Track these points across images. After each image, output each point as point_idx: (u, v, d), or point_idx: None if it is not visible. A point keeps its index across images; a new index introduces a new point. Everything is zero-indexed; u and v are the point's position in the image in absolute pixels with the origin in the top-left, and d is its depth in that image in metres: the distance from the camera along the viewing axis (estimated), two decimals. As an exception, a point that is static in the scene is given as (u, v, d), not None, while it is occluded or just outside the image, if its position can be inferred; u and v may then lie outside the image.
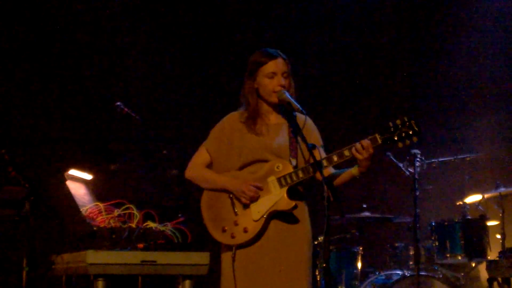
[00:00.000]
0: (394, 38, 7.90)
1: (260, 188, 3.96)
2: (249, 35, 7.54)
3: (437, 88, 7.85)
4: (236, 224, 3.99)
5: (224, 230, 4.00)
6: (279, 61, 4.06)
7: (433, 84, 7.88)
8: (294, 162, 4.02)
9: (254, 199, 3.96)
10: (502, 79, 7.61)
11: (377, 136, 3.90)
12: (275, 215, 3.98)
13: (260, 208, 3.96)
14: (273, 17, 7.77)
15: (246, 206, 3.99)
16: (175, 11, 7.50)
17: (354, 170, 3.98)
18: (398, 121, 3.92)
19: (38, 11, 6.93)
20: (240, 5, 7.67)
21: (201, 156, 4.18)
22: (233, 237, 3.98)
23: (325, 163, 3.93)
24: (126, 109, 6.00)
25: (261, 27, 7.67)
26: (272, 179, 3.99)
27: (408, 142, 3.91)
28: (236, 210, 4.01)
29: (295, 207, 3.96)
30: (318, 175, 3.92)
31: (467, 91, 7.71)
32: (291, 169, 3.98)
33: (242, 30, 7.63)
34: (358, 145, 3.87)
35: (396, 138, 3.90)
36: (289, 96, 3.97)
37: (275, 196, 3.97)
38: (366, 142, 3.87)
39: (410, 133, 3.90)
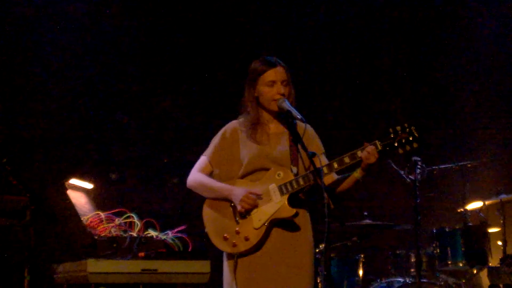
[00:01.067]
0: (395, 42, 7.89)
1: (259, 196, 3.96)
2: (250, 41, 7.54)
3: (438, 94, 7.85)
4: (237, 232, 3.98)
5: (225, 239, 4.00)
6: (279, 69, 4.07)
7: (434, 90, 7.87)
8: (295, 170, 4.03)
9: (252, 207, 3.96)
10: (504, 85, 7.61)
11: (377, 142, 3.92)
12: (276, 223, 3.98)
13: (261, 216, 3.96)
14: (274, 23, 7.76)
15: (247, 214, 3.99)
16: (177, 17, 7.50)
17: (356, 174, 3.99)
18: (398, 127, 3.94)
19: (38, 11, 6.93)
20: (242, 10, 7.67)
21: (202, 165, 4.18)
22: (234, 245, 3.98)
23: (325, 170, 3.94)
24: (126, 118, 6.00)
25: (263, 33, 7.67)
26: (273, 187, 3.99)
27: (408, 148, 3.93)
28: (237, 219, 4.00)
29: (296, 214, 3.96)
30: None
31: (469, 97, 7.71)
32: (292, 177, 3.99)
33: (243, 36, 7.63)
34: (367, 150, 3.88)
35: (396, 145, 3.93)
36: (288, 105, 3.98)
37: (276, 204, 3.97)
38: (370, 147, 3.89)
39: (411, 139, 3.92)
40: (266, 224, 3.95)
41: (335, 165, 3.95)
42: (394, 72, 7.93)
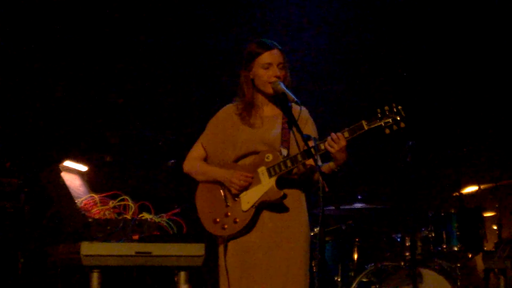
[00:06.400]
0: (387, 25, 7.84)
1: (249, 177, 3.96)
2: (245, 26, 7.52)
3: (433, 78, 7.82)
4: (227, 215, 4.01)
5: (215, 222, 4.02)
6: (275, 52, 4.07)
7: (429, 74, 7.84)
8: (285, 152, 4.01)
9: (243, 189, 3.97)
10: (498, 69, 7.58)
11: (363, 122, 3.89)
12: (268, 205, 3.98)
13: (249, 199, 3.98)
14: (268, 10, 7.73)
15: (236, 197, 3.99)
16: (171, 5, 7.46)
17: (332, 164, 3.97)
18: (386, 107, 3.91)
19: (35, 8, 6.91)
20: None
21: (196, 150, 4.23)
22: (223, 228, 4.00)
23: (299, 158, 3.91)
24: (121, 100, 5.98)
25: (257, 20, 7.64)
26: (262, 169, 4.00)
27: (395, 127, 3.89)
28: (227, 202, 4.03)
29: (284, 196, 3.96)
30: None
31: (463, 81, 7.69)
32: (280, 159, 3.98)
33: (237, 22, 7.60)
34: (329, 138, 3.85)
35: (383, 125, 3.89)
36: (284, 87, 3.97)
37: (265, 186, 3.98)
38: (335, 134, 3.84)
39: (398, 119, 3.89)
40: (255, 206, 3.96)
41: (322, 147, 3.91)
42: (386, 55, 7.88)
